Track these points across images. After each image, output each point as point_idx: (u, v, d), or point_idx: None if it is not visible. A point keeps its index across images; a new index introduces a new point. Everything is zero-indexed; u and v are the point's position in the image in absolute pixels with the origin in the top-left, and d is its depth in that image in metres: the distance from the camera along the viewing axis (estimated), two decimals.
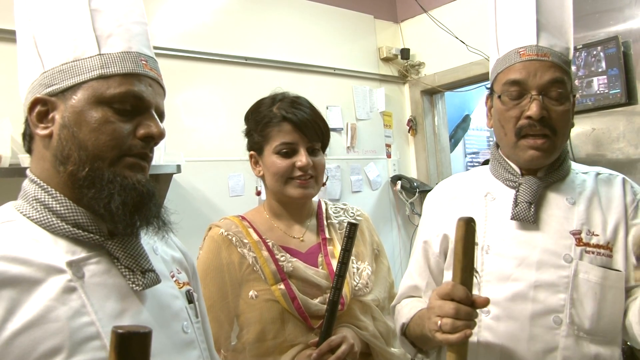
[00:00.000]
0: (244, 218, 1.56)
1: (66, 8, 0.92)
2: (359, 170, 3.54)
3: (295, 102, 1.52)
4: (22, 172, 1.95)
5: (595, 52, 2.70)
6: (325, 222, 1.60)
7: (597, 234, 1.24)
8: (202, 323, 1.10)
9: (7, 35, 2.18)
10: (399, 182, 3.67)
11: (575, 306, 1.19)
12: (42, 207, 0.89)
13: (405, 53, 3.80)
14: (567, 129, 1.29)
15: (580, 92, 2.75)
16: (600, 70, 2.69)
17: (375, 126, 3.69)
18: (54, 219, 0.88)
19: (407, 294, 1.45)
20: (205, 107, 2.86)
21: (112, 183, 0.87)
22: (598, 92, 2.70)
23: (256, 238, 1.50)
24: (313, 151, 1.51)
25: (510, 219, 1.27)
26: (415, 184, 3.66)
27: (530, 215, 1.25)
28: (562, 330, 1.19)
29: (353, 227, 1.39)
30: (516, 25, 1.31)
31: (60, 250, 0.86)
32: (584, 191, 1.30)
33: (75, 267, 0.86)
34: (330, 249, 1.54)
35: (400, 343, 1.43)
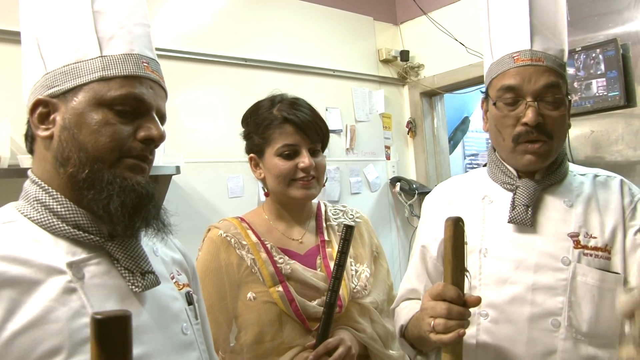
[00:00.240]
0: (243, 219, 1.56)
1: (69, 9, 0.92)
2: (358, 171, 3.54)
3: (295, 104, 1.52)
4: (22, 173, 1.97)
5: (594, 55, 2.70)
6: (325, 224, 1.60)
7: (595, 237, 1.24)
8: (202, 324, 1.10)
9: (7, 36, 2.18)
10: (398, 184, 3.67)
11: (573, 309, 1.19)
12: (43, 208, 0.89)
13: (404, 55, 3.80)
14: (564, 132, 1.28)
15: (579, 95, 2.75)
16: (599, 72, 2.70)
17: (374, 128, 3.69)
18: (54, 220, 0.88)
19: (406, 296, 1.45)
20: (205, 109, 2.86)
21: (112, 184, 0.88)
22: (597, 95, 2.71)
23: (255, 240, 1.49)
24: (314, 152, 1.51)
25: (508, 222, 1.27)
26: (414, 185, 3.66)
27: (528, 219, 1.25)
28: (561, 333, 1.19)
29: (349, 229, 1.39)
30: (510, 29, 1.29)
31: (60, 251, 0.87)
32: (581, 193, 1.29)
33: (76, 268, 0.86)
34: (329, 251, 1.54)
35: (400, 345, 1.43)
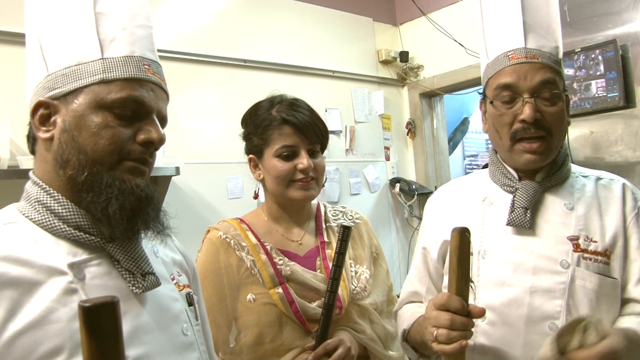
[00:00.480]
0: (242, 221, 1.56)
1: (71, 11, 0.92)
2: (358, 172, 3.54)
3: (294, 105, 1.51)
4: (21, 174, 1.97)
5: (593, 56, 2.71)
6: (324, 225, 1.60)
7: (596, 241, 1.23)
8: (202, 325, 1.10)
9: (7, 38, 2.17)
10: (398, 185, 3.67)
11: (571, 313, 1.18)
12: (44, 209, 0.89)
13: (404, 56, 3.81)
14: (563, 128, 1.27)
15: (579, 96, 2.75)
16: (598, 73, 2.70)
17: (374, 129, 3.70)
18: (55, 221, 0.88)
19: (408, 299, 1.45)
20: (204, 110, 2.86)
21: (111, 187, 0.88)
22: (596, 95, 2.71)
23: (254, 241, 1.49)
24: (313, 153, 1.50)
25: (506, 224, 1.26)
26: (413, 186, 3.66)
27: (526, 221, 1.24)
28: None
29: (346, 230, 1.39)
30: (503, 29, 1.30)
31: (61, 252, 0.87)
32: (583, 196, 1.28)
33: (77, 269, 0.86)
34: (328, 252, 1.53)
35: (402, 348, 1.43)
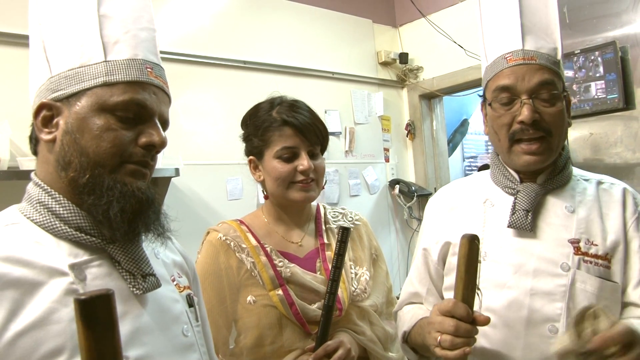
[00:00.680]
0: (242, 222, 1.56)
1: (75, 13, 0.92)
2: (357, 174, 3.54)
3: (295, 106, 1.51)
4: (21, 175, 1.97)
5: (593, 57, 2.71)
6: (324, 227, 1.59)
7: (596, 244, 1.23)
8: (203, 327, 1.11)
9: (8, 39, 2.17)
10: (397, 186, 3.67)
11: (571, 315, 1.17)
12: (46, 210, 0.89)
13: (403, 57, 3.81)
14: (563, 129, 1.27)
15: (578, 97, 2.75)
16: (598, 75, 2.70)
17: (373, 130, 3.70)
18: (56, 222, 0.88)
19: (408, 300, 1.45)
20: (204, 111, 2.86)
21: (112, 190, 0.88)
22: (596, 97, 2.71)
23: (254, 243, 1.49)
24: (313, 154, 1.50)
25: (507, 226, 1.26)
26: (413, 188, 3.66)
27: (527, 224, 1.24)
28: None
29: (345, 232, 1.39)
30: (501, 31, 1.30)
31: (62, 253, 0.87)
32: (584, 199, 1.28)
33: (78, 270, 0.86)
34: (328, 254, 1.53)
35: (402, 350, 1.43)
